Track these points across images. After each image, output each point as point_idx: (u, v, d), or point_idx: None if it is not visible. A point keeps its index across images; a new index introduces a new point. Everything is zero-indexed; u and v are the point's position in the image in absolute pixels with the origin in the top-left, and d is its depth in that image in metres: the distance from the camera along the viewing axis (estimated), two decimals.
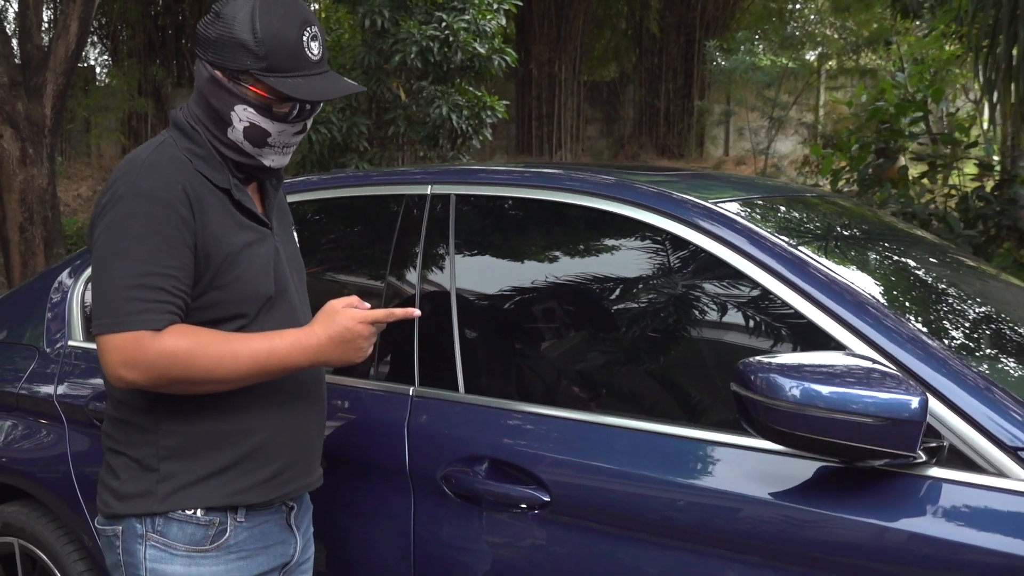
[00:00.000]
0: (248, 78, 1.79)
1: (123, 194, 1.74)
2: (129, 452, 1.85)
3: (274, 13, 1.78)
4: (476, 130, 8.64)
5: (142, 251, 1.71)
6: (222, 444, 1.83)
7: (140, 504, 1.82)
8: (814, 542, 1.72)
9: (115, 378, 1.72)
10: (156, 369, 1.70)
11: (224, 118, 1.82)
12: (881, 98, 6.74)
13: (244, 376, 1.77)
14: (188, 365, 1.72)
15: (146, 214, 1.72)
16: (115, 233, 1.73)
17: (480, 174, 2.49)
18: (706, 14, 17.46)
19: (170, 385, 1.74)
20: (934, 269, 2.49)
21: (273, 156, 1.88)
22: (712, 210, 2.11)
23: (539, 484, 1.99)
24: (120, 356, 1.70)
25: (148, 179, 1.74)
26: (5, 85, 7.89)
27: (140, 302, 1.69)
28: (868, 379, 1.64)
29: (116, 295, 1.70)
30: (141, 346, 1.69)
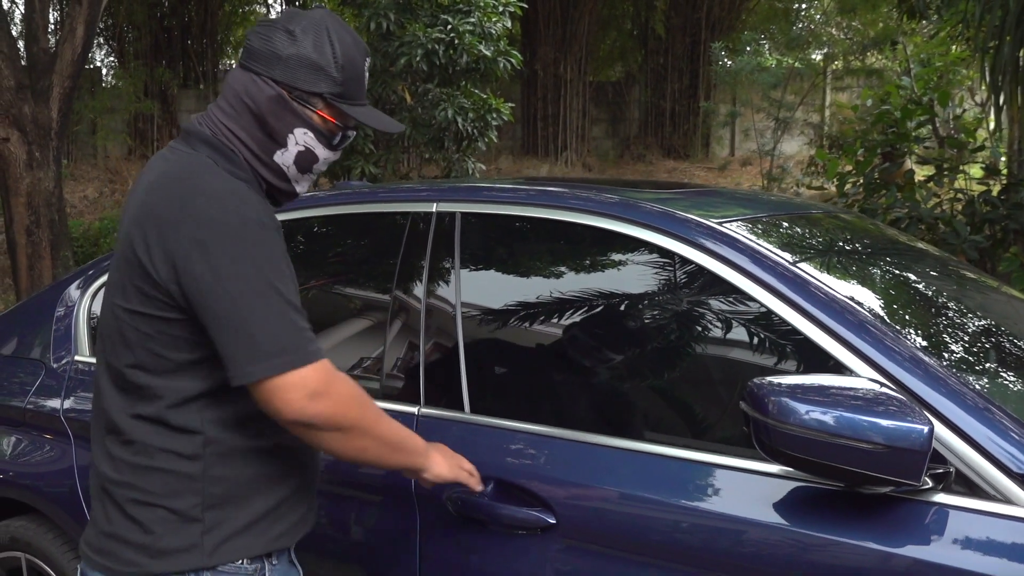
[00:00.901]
0: (318, 102, 1.75)
1: (232, 224, 1.59)
2: (167, 503, 1.69)
3: (346, 40, 1.76)
4: (482, 132, 8.64)
5: (284, 281, 1.62)
6: (265, 488, 1.76)
7: (184, 560, 1.69)
8: (818, 566, 1.72)
9: (297, 413, 1.60)
10: (343, 400, 1.64)
11: (279, 139, 1.75)
12: (887, 101, 6.73)
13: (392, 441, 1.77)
14: (364, 407, 1.69)
15: (265, 242, 1.62)
16: (245, 262, 1.59)
17: (486, 192, 2.49)
18: (711, 15, 17.43)
19: (339, 426, 1.65)
20: (938, 285, 2.48)
21: (305, 183, 1.83)
22: (715, 229, 2.11)
23: (545, 506, 1.99)
24: (307, 389, 1.59)
25: (248, 206, 1.63)
26: (11, 88, 7.90)
27: (304, 331, 1.62)
28: (876, 405, 1.63)
29: (284, 330, 1.59)
30: (329, 376, 1.63)
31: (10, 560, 2.78)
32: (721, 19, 17.51)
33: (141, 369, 1.70)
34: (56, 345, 2.83)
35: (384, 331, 2.39)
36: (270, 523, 1.76)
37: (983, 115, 8.34)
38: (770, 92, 12.42)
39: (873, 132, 6.87)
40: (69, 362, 2.77)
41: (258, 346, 1.58)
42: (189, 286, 1.60)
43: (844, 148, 6.91)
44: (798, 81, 13.33)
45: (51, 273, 8.30)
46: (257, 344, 1.58)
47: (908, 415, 1.61)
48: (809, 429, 1.62)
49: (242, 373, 1.59)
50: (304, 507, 1.85)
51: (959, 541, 1.63)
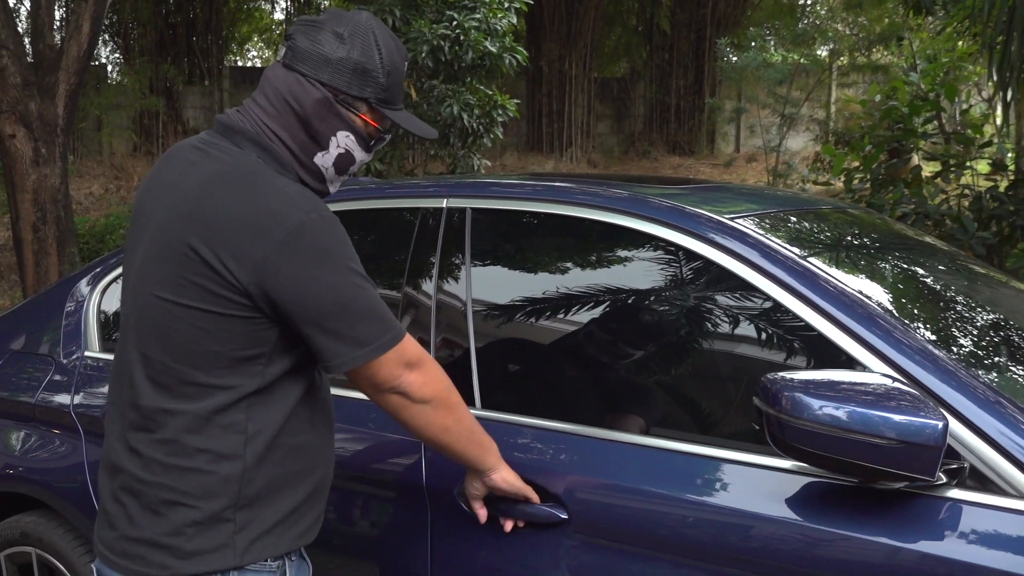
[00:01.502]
0: (362, 106, 1.77)
1: (315, 220, 1.64)
2: (200, 504, 1.68)
3: (391, 44, 1.78)
4: (487, 128, 8.64)
5: (362, 268, 1.72)
6: (292, 484, 1.77)
7: (215, 560, 1.69)
8: (828, 561, 1.72)
9: (397, 380, 1.73)
10: (433, 372, 1.78)
11: (322, 142, 1.76)
12: (894, 97, 6.72)
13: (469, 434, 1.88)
14: (450, 389, 1.83)
15: (345, 235, 1.70)
16: (339, 261, 1.66)
17: (496, 188, 2.49)
18: (717, 10, 17.42)
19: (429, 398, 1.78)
20: (947, 280, 2.48)
21: (337, 185, 1.86)
22: (725, 224, 2.11)
23: (556, 501, 1.99)
24: (404, 359, 1.73)
25: (318, 204, 1.68)
26: (18, 85, 7.91)
27: (388, 310, 1.75)
28: (889, 400, 1.63)
29: (381, 314, 1.71)
30: (418, 349, 1.76)
31: (21, 555, 2.79)
32: (726, 15, 17.49)
33: (189, 365, 1.68)
34: (66, 341, 2.84)
35: None
36: (294, 521, 1.78)
37: (990, 111, 8.33)
38: (776, 88, 12.41)
39: (880, 128, 6.86)
40: (79, 358, 2.78)
41: (363, 332, 1.68)
42: (284, 287, 1.63)
43: (851, 144, 6.90)
44: (804, 77, 13.32)
45: (57, 269, 8.31)
46: (362, 331, 1.68)
47: (922, 410, 1.61)
48: (823, 424, 1.62)
49: (349, 359, 1.69)
50: (322, 504, 1.87)
51: (972, 536, 1.64)
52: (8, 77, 7.84)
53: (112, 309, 2.83)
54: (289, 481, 1.76)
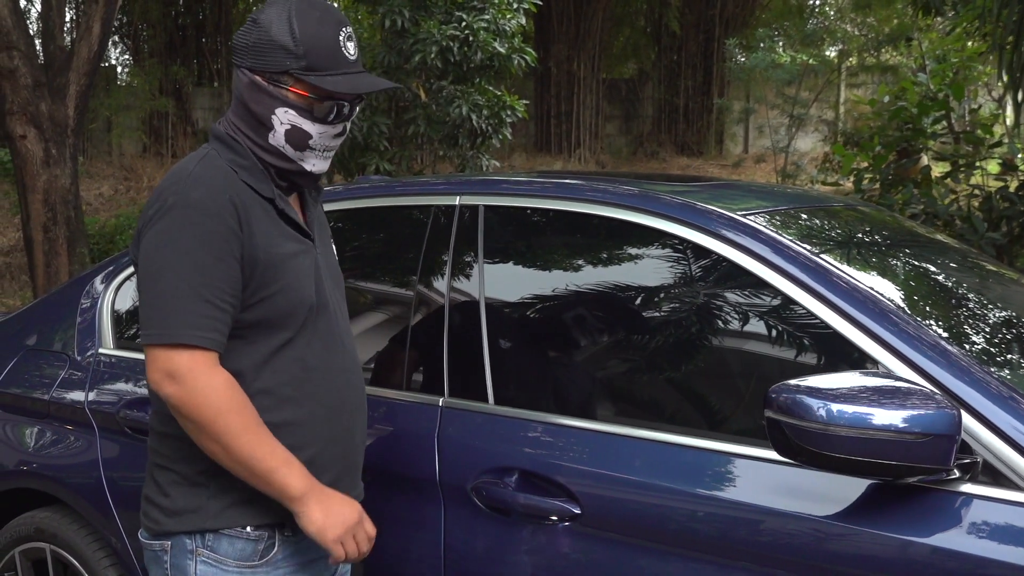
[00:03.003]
0: (288, 79, 1.82)
1: (173, 205, 1.74)
2: (178, 468, 1.84)
3: (310, 16, 1.82)
4: (496, 129, 8.65)
5: (192, 263, 1.72)
6: None
7: (191, 520, 1.82)
8: (839, 556, 1.73)
9: (155, 385, 1.74)
10: (198, 395, 1.70)
11: (265, 122, 1.84)
12: (903, 97, 6.71)
13: (247, 464, 1.74)
14: (218, 414, 1.71)
15: (196, 225, 1.73)
16: (165, 244, 1.73)
17: (508, 185, 2.50)
18: (726, 11, 17.41)
19: (188, 417, 1.72)
20: (958, 276, 2.49)
21: (314, 160, 1.89)
22: (737, 220, 2.12)
23: (570, 496, 2.00)
24: (166, 367, 1.71)
25: (197, 190, 1.75)
26: (29, 86, 7.95)
27: (189, 314, 1.70)
28: (904, 396, 1.64)
29: (165, 306, 1.71)
30: (191, 365, 1.71)
31: (35, 551, 2.80)
32: (735, 15, 17.48)
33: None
34: (81, 338, 2.85)
35: (408, 322, 2.41)
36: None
37: (1000, 111, 8.31)
38: (784, 89, 12.40)
39: (889, 128, 6.85)
40: (93, 354, 2.79)
41: (144, 316, 1.75)
42: (136, 256, 1.81)
43: (860, 144, 6.90)
44: (812, 78, 13.30)
45: (68, 270, 8.34)
46: (144, 314, 1.75)
47: (935, 402, 1.62)
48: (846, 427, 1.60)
49: (140, 336, 1.77)
50: (327, 479, 1.86)
51: (985, 530, 1.64)
52: (19, 78, 7.88)
53: (126, 307, 2.84)
54: None
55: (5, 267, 10.95)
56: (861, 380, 1.69)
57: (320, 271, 1.92)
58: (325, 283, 1.93)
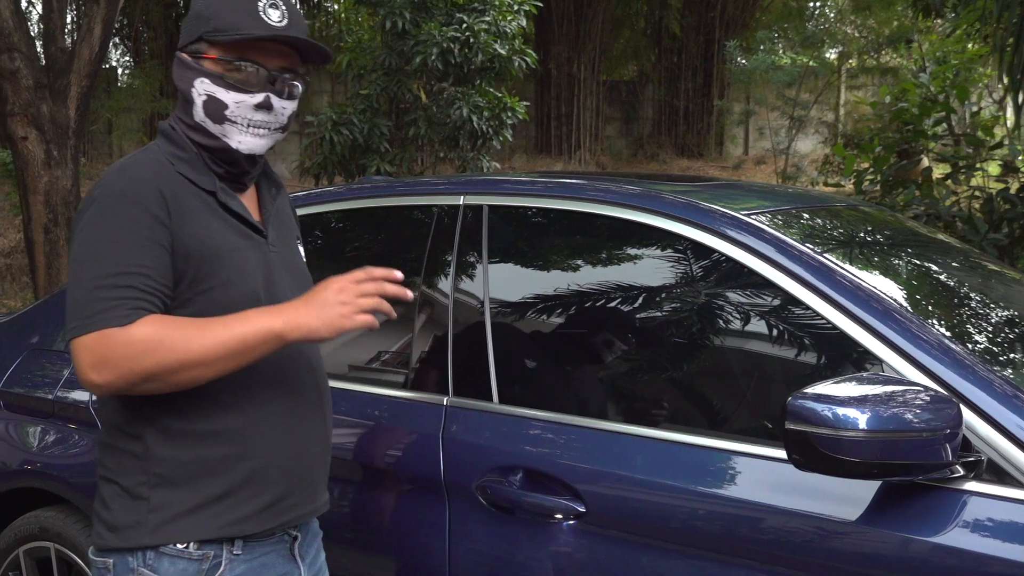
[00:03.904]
0: (203, 46, 1.76)
1: (96, 197, 1.70)
2: (120, 480, 1.74)
3: None
4: (496, 131, 8.66)
5: (112, 251, 1.64)
6: (216, 471, 1.72)
7: (131, 536, 1.71)
8: (840, 553, 1.73)
9: (87, 383, 1.62)
10: (126, 363, 1.59)
11: (188, 98, 1.78)
12: (903, 99, 6.72)
13: (221, 352, 1.62)
14: (159, 351, 1.59)
15: (117, 215, 1.67)
16: (87, 236, 1.67)
17: (513, 184, 2.51)
18: (726, 13, 17.41)
19: (145, 380, 1.61)
20: (961, 275, 2.49)
21: (239, 136, 1.77)
22: (741, 220, 2.13)
23: (574, 495, 2.00)
24: (88, 358, 1.60)
25: (120, 181, 1.70)
26: (30, 87, 7.95)
27: (106, 300, 1.61)
28: (909, 395, 1.64)
29: (83, 297, 1.63)
30: (107, 342, 1.59)
31: (40, 550, 2.81)
32: (735, 18, 17.49)
33: None
34: None
35: (412, 321, 2.41)
36: (227, 507, 1.72)
37: (1000, 113, 8.31)
38: (784, 90, 12.40)
39: (889, 130, 6.86)
40: None
41: (68, 309, 1.66)
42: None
43: (861, 146, 6.90)
44: (812, 80, 13.32)
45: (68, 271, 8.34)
46: (67, 308, 1.66)
47: (937, 398, 1.64)
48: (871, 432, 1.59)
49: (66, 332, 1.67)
50: (277, 492, 1.77)
51: (988, 528, 1.64)
52: (20, 80, 7.88)
53: None
54: (211, 464, 1.72)
55: (6, 268, 10.95)
56: (879, 384, 1.67)
57: (273, 269, 1.82)
58: (280, 282, 1.82)
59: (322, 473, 1.90)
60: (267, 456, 1.76)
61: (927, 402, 1.63)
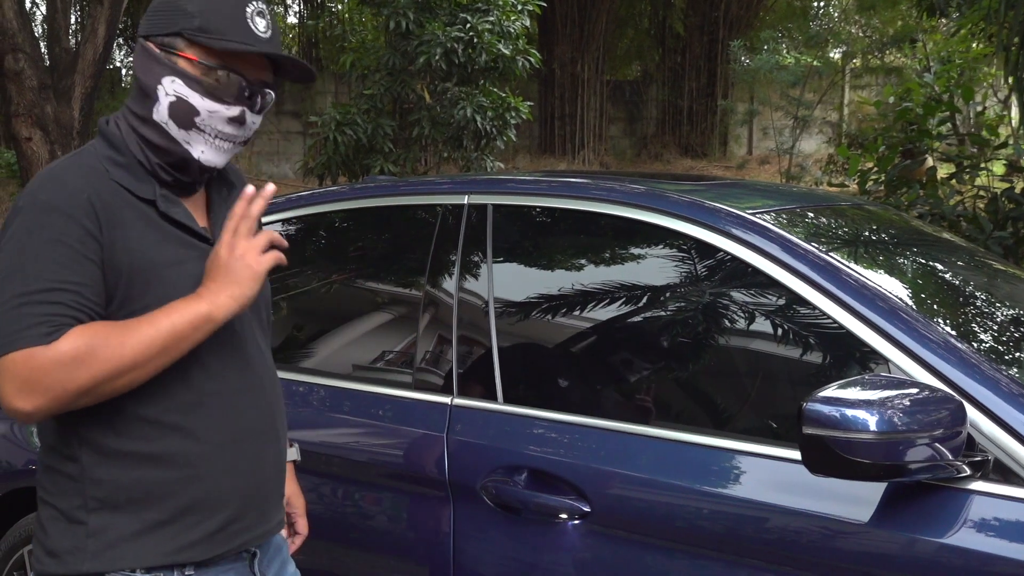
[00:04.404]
0: (180, 42, 1.61)
1: (21, 207, 1.56)
2: (57, 503, 1.62)
3: None
4: (500, 131, 8.67)
5: (36, 266, 1.51)
6: (159, 495, 1.60)
7: (70, 563, 1.59)
8: (845, 553, 1.73)
9: (12, 411, 1.48)
10: (58, 384, 1.47)
11: (150, 93, 1.62)
12: (908, 98, 6.71)
13: (155, 349, 1.52)
14: (91, 363, 1.48)
15: (42, 227, 1.52)
16: (10, 249, 1.53)
17: (517, 184, 2.51)
18: (730, 13, 17.40)
19: (79, 397, 1.50)
20: (966, 274, 2.49)
21: (203, 146, 1.64)
22: (746, 219, 2.12)
23: (579, 494, 2.00)
24: (14, 382, 1.47)
25: (46, 190, 1.55)
26: (34, 88, 7.97)
27: (30, 317, 1.48)
28: (919, 394, 1.64)
29: (4, 315, 1.49)
30: (33, 363, 1.46)
31: None
32: (739, 17, 17.48)
33: None
34: None
35: (416, 322, 2.41)
36: (173, 533, 1.61)
37: (1005, 112, 8.31)
38: (789, 90, 12.40)
39: (894, 129, 6.85)
40: None
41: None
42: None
43: (865, 146, 6.89)
44: (816, 79, 13.31)
45: None
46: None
47: (939, 395, 1.64)
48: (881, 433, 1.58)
49: None
50: (227, 515, 1.66)
51: (994, 527, 1.64)
52: (25, 80, 7.90)
53: None
54: (153, 488, 1.60)
55: None
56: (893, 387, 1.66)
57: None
58: None
59: (276, 492, 1.79)
60: (215, 478, 1.64)
61: (936, 401, 1.63)
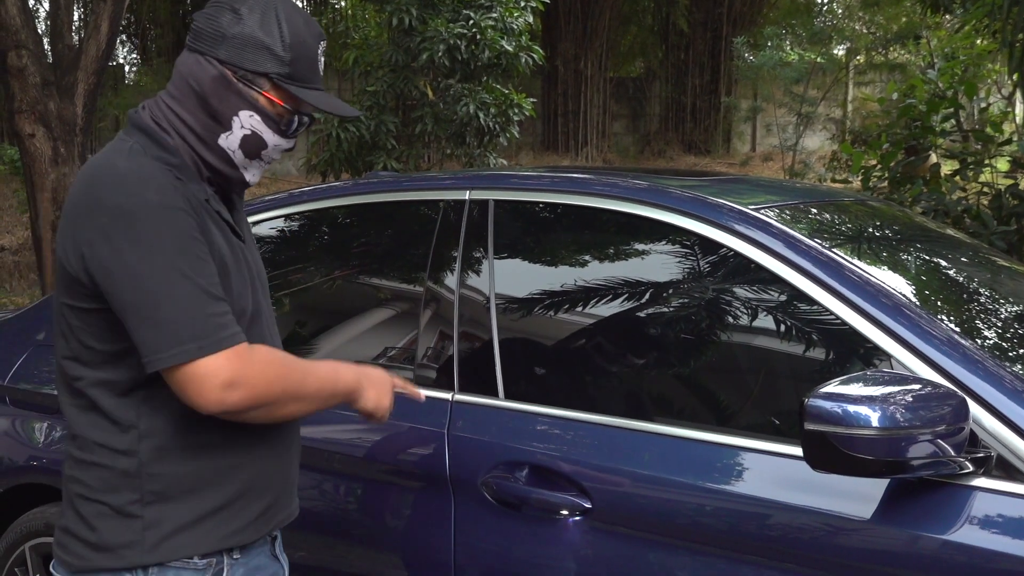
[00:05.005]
0: (264, 82, 1.67)
1: (131, 209, 1.55)
2: (106, 499, 1.64)
3: (297, 21, 1.69)
4: (503, 128, 8.66)
5: (190, 265, 1.56)
6: (213, 484, 1.68)
7: (127, 556, 1.64)
8: (849, 550, 1.72)
9: (215, 404, 1.55)
10: (261, 383, 1.58)
11: (223, 121, 1.67)
12: (911, 95, 6.69)
13: (322, 393, 1.71)
14: (287, 378, 1.63)
15: (171, 226, 1.56)
16: (150, 252, 1.54)
17: (519, 179, 2.50)
18: (733, 9, 17.39)
19: (264, 405, 1.60)
20: (970, 271, 2.48)
21: (255, 171, 1.75)
22: (748, 214, 2.12)
23: (580, 490, 1.99)
24: (222, 378, 1.54)
25: (151, 189, 1.57)
26: (37, 84, 7.96)
27: (218, 317, 1.55)
28: (923, 390, 1.63)
29: (192, 315, 1.53)
30: (245, 361, 1.56)
31: (46, 546, 2.80)
32: (743, 14, 17.47)
33: (76, 361, 1.66)
34: None
35: (417, 317, 2.40)
36: (225, 519, 1.70)
37: (1009, 108, 8.29)
38: (792, 87, 12.38)
39: (897, 126, 6.83)
40: None
41: (165, 332, 1.53)
42: (97, 273, 1.57)
43: (869, 142, 6.88)
44: (820, 76, 13.28)
45: None
46: (164, 330, 1.53)
47: (942, 391, 1.63)
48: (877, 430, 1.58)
49: (153, 360, 1.54)
50: (267, 500, 1.76)
51: (997, 524, 1.63)
52: (28, 77, 7.89)
53: None
54: (209, 479, 1.68)
55: (14, 265, 10.98)
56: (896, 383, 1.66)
57: (252, 275, 1.77)
58: (256, 288, 1.78)
59: (296, 477, 1.88)
60: (259, 465, 1.74)
61: (938, 397, 1.62)
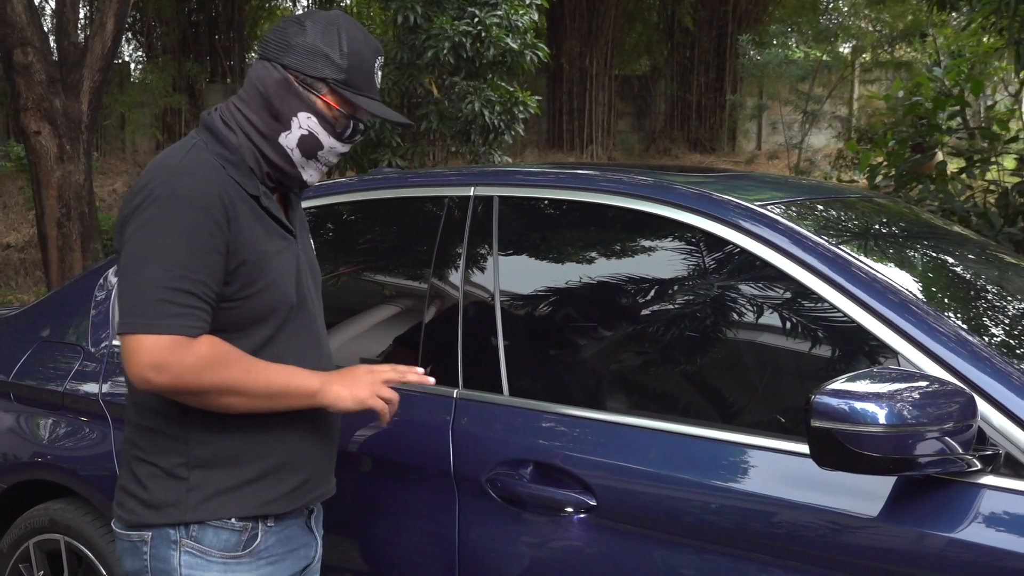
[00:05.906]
0: (322, 87, 1.86)
1: (158, 196, 1.74)
2: (157, 461, 1.85)
3: (356, 35, 1.89)
4: (508, 125, 8.66)
5: (176, 255, 1.71)
6: (253, 456, 1.86)
7: (171, 513, 1.83)
8: (856, 548, 1.71)
9: (139, 379, 1.71)
10: (189, 373, 1.71)
11: (284, 121, 1.86)
12: (917, 92, 6.68)
13: (266, 390, 1.80)
14: (222, 371, 1.74)
15: (180, 218, 1.72)
16: (149, 234, 1.72)
17: (524, 176, 2.49)
18: (739, 7, 17.36)
19: (194, 393, 1.75)
20: (977, 268, 2.47)
21: (312, 171, 1.93)
22: (754, 211, 2.11)
23: (585, 488, 1.99)
24: (149, 358, 1.69)
25: (183, 182, 1.75)
26: (43, 82, 7.97)
27: (174, 305, 1.70)
28: (930, 387, 1.63)
29: (148, 296, 1.69)
30: (174, 349, 1.69)
31: (50, 542, 2.81)
32: (748, 11, 17.44)
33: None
34: (95, 330, 2.85)
35: (422, 314, 2.40)
36: (261, 488, 1.87)
37: (1016, 106, 8.26)
38: (798, 85, 12.36)
39: (903, 124, 6.81)
40: (108, 346, 2.79)
41: (125, 303, 1.73)
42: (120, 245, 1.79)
43: (875, 140, 6.86)
44: (826, 74, 13.26)
45: (82, 265, 8.37)
46: (124, 301, 1.73)
47: (950, 388, 1.62)
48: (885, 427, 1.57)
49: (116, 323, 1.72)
50: (303, 476, 1.92)
51: (1005, 522, 1.62)
52: (33, 74, 7.90)
53: None
54: (249, 450, 1.86)
55: (20, 263, 11.00)
56: (903, 380, 1.65)
57: (301, 268, 1.94)
58: (304, 280, 1.94)
59: (335, 459, 2.05)
60: (297, 443, 1.91)
61: (946, 395, 1.61)
